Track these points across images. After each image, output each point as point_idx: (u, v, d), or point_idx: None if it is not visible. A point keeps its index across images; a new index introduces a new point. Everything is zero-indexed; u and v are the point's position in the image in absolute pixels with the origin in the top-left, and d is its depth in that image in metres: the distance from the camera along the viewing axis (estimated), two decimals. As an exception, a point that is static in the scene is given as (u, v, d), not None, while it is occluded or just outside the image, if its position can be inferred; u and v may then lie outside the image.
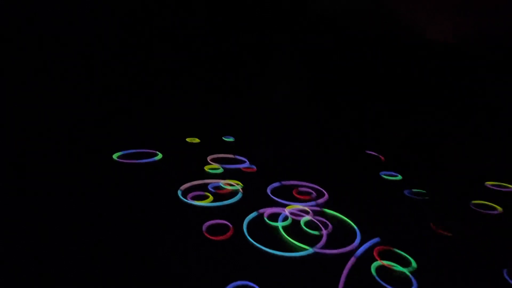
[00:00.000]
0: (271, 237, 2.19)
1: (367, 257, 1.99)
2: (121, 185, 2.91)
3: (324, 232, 2.25)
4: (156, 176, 3.25)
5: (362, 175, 3.73)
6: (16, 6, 3.91)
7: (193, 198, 2.70)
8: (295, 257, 1.96)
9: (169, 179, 3.13)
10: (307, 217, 2.48)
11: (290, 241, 2.14)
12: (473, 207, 2.92)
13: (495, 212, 2.85)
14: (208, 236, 2.11)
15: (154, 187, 2.91)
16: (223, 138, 5.20)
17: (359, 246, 2.10)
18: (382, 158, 4.50)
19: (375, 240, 2.17)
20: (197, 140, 4.88)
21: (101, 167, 3.36)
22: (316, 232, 2.27)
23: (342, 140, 5.26)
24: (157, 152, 4.01)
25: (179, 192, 2.79)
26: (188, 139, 4.90)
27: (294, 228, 2.32)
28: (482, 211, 2.85)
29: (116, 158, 3.67)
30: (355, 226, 2.36)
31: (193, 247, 2.00)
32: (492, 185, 3.49)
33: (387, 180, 3.59)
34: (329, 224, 2.38)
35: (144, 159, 3.73)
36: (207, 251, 1.96)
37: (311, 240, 2.16)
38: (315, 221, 2.43)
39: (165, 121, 5.43)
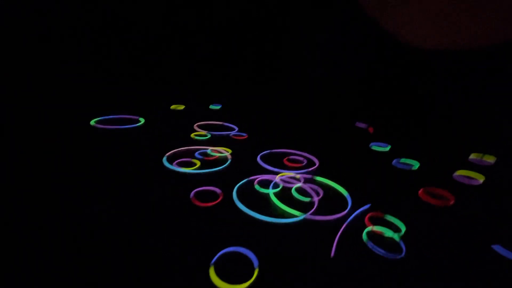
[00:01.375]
0: (262, 204, 2.12)
1: (359, 224, 1.99)
2: (100, 154, 2.70)
3: (316, 198, 2.21)
4: (139, 142, 3.05)
5: (353, 146, 3.71)
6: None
7: (179, 165, 2.56)
8: (287, 223, 1.92)
9: (153, 146, 2.95)
10: (298, 184, 2.43)
11: (281, 207, 2.08)
12: (456, 178, 2.98)
13: (478, 182, 2.93)
14: (197, 203, 2.01)
15: (137, 155, 2.73)
16: (210, 106, 4.97)
17: (350, 213, 2.08)
18: (371, 130, 4.49)
19: (366, 206, 2.16)
20: (181, 107, 4.63)
21: (79, 134, 3.11)
22: (307, 199, 2.22)
23: (333, 112, 5.18)
24: (139, 118, 3.77)
25: (165, 159, 2.63)
26: (172, 107, 4.64)
27: (285, 195, 2.27)
28: (466, 182, 2.91)
29: (94, 124, 3.41)
30: (346, 193, 2.34)
31: (182, 215, 1.90)
32: (476, 158, 3.57)
33: (376, 151, 3.59)
34: (321, 191, 2.34)
35: (125, 125, 3.48)
36: (196, 219, 1.87)
37: (303, 207, 2.11)
38: (306, 188, 2.38)
39: (149, 87, 5.08)
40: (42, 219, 1.77)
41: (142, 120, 3.71)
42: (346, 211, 2.10)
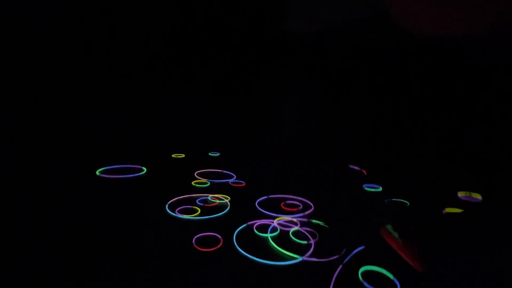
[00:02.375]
0: (261, 247, 2.21)
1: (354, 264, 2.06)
2: (105, 202, 2.84)
3: (312, 241, 2.31)
4: (142, 191, 3.20)
5: (347, 188, 3.88)
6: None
7: (181, 212, 2.68)
8: (285, 266, 2.00)
9: (155, 194, 3.10)
10: (295, 228, 2.54)
11: (279, 250, 2.17)
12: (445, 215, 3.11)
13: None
14: (198, 248, 2.10)
15: (140, 203, 2.86)
16: (209, 153, 5.23)
17: (346, 254, 2.17)
18: (364, 171, 4.71)
19: (360, 248, 2.25)
20: (182, 156, 4.88)
21: (84, 183, 3.27)
22: (304, 242, 2.32)
23: (326, 155, 5.47)
24: (142, 167, 3.97)
25: (166, 207, 2.77)
26: (173, 155, 4.89)
27: (283, 239, 2.36)
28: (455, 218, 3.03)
29: (98, 174, 3.59)
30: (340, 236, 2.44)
31: (184, 259, 1.97)
32: (464, 195, 3.74)
33: (369, 192, 3.75)
34: (317, 234, 2.44)
35: (129, 175, 3.67)
36: (198, 263, 1.95)
37: (300, 250, 2.21)
38: (303, 231, 2.49)
39: (150, 136, 5.40)
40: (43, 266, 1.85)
41: (145, 169, 3.90)
42: (342, 253, 2.19)
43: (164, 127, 5.58)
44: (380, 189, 3.83)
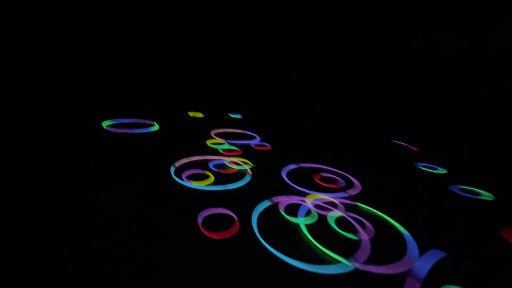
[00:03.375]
0: (291, 239, 1.59)
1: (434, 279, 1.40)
2: (107, 158, 2.32)
3: (364, 236, 1.64)
4: (149, 148, 2.66)
5: (394, 165, 3.09)
6: None
7: (189, 178, 2.11)
8: (326, 275, 1.37)
9: (163, 153, 2.55)
10: (338, 213, 1.88)
11: (316, 247, 1.54)
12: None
13: None
14: (205, 232, 1.53)
15: (144, 162, 2.33)
16: (229, 114, 4.57)
17: (420, 264, 1.49)
18: (415, 148, 3.83)
19: (441, 255, 1.55)
20: (200, 115, 4.27)
21: (89, 137, 2.78)
22: (352, 236, 1.66)
23: (366, 125, 4.59)
24: (154, 122, 3.42)
25: (172, 170, 2.20)
26: (190, 113, 4.29)
27: (321, 228, 1.72)
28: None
29: (105, 127, 3.09)
30: (405, 231, 1.75)
31: (185, 247, 1.42)
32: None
33: (426, 172, 2.95)
34: (369, 224, 1.77)
35: (138, 129, 3.14)
36: (202, 253, 1.39)
37: (346, 247, 1.56)
38: (349, 218, 1.82)
39: (166, 92, 4.81)
40: (41, 220, 1.40)
41: (156, 125, 3.35)
42: (411, 257, 1.52)
43: (184, 83, 4.93)
44: (442, 170, 3.00)
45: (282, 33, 4.84)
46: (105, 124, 3.13)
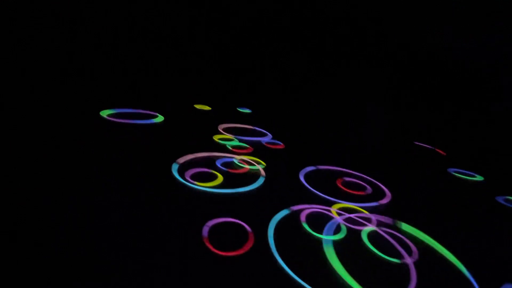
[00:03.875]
0: (316, 259, 1.28)
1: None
2: (105, 150, 2.03)
3: (409, 260, 1.32)
4: (150, 141, 2.36)
5: (425, 170, 2.75)
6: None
7: (194, 178, 1.81)
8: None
9: (165, 147, 2.25)
10: (371, 227, 1.56)
11: (343, 274, 1.22)
12: None
13: None
14: (212, 248, 1.22)
15: (145, 157, 2.03)
16: (238, 109, 4.26)
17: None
18: (443, 152, 3.47)
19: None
20: (207, 108, 3.97)
21: (89, 126, 2.50)
22: (394, 259, 1.34)
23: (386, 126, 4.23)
24: (157, 114, 3.12)
25: (175, 167, 1.90)
26: (197, 106, 3.99)
27: (353, 246, 1.40)
28: None
29: (105, 116, 2.80)
30: (464, 270, 1.41)
31: (187, 263, 1.12)
32: None
33: (463, 179, 2.60)
34: (413, 247, 1.44)
35: (140, 120, 2.84)
36: (209, 270, 1.08)
37: (386, 273, 1.24)
38: (386, 236, 1.50)
39: (173, 83, 4.51)
40: (40, 214, 1.20)
41: (160, 117, 3.06)
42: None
43: (191, 75, 4.62)
44: (478, 177, 2.65)
45: (295, 31, 4.51)
46: (105, 113, 2.85)
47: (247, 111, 4.28)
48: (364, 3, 3.86)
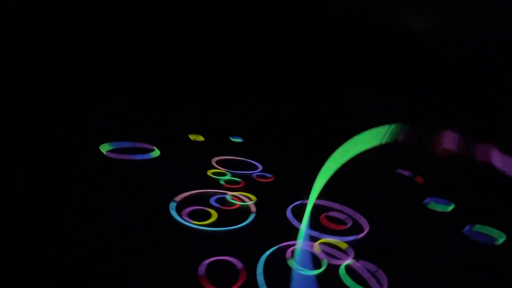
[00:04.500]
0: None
1: None
2: (102, 187, 2.20)
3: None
4: (149, 177, 2.54)
5: (403, 201, 2.99)
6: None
7: (190, 216, 1.98)
8: None
9: (164, 184, 2.43)
10: (349, 261, 1.75)
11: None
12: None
13: None
14: (208, 286, 1.38)
15: (143, 194, 2.20)
16: (230, 138, 4.50)
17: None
18: (420, 179, 3.75)
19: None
20: (201, 138, 4.19)
21: (87, 162, 2.66)
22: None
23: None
24: (154, 147, 3.31)
25: (172, 206, 2.07)
26: (191, 136, 4.21)
27: (332, 281, 1.58)
28: None
29: (104, 152, 2.97)
30: None
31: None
32: None
33: (435, 211, 2.84)
34: (383, 278, 1.63)
35: (137, 155, 3.02)
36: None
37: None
38: (364, 268, 1.69)
39: (166, 115, 4.74)
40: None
41: (156, 150, 3.25)
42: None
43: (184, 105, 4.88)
44: (451, 207, 2.90)
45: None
46: (104, 149, 3.02)
47: (239, 140, 4.52)
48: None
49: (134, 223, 1.79)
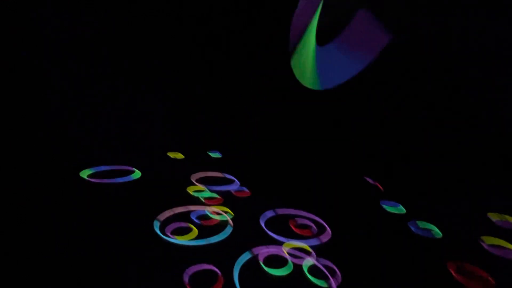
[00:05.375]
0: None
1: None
2: (85, 212, 2.38)
3: (333, 284, 1.86)
4: (132, 199, 2.75)
5: (363, 206, 3.42)
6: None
7: (173, 233, 2.23)
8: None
9: (146, 204, 2.65)
10: (310, 260, 2.09)
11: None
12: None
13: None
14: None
15: (126, 216, 2.41)
16: (209, 153, 4.76)
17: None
18: (381, 187, 4.24)
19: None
20: (180, 156, 4.42)
21: (66, 187, 2.81)
22: (323, 283, 1.86)
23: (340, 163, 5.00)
24: (134, 169, 3.51)
25: (156, 224, 2.31)
26: (170, 154, 4.42)
27: (296, 278, 1.91)
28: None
29: (85, 177, 3.12)
30: None
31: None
32: (498, 219, 3.28)
33: (389, 212, 3.28)
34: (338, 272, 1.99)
35: (119, 178, 3.20)
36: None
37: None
38: (320, 266, 2.04)
39: (145, 132, 4.91)
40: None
41: (137, 172, 3.44)
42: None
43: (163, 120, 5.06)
44: (400, 208, 3.36)
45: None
46: (85, 174, 3.17)
47: (217, 155, 4.79)
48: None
49: (120, 245, 2.02)
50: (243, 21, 4.92)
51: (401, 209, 3.32)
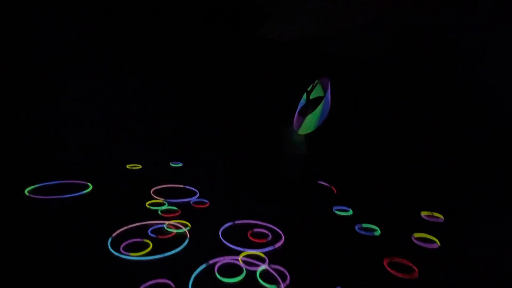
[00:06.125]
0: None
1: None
2: (33, 230, 2.24)
3: (282, 286, 2.01)
4: (84, 215, 2.64)
5: (316, 210, 3.68)
6: None
7: (127, 249, 2.20)
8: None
9: (99, 220, 2.57)
10: (263, 267, 2.22)
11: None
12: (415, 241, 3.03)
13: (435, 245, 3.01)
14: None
15: (80, 231, 2.32)
16: (170, 164, 4.72)
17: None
18: (334, 190, 4.59)
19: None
20: (138, 166, 4.32)
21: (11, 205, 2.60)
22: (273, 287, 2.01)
23: (295, 169, 5.29)
24: (88, 183, 3.36)
25: (109, 241, 2.27)
26: (128, 166, 4.30)
27: (250, 283, 2.02)
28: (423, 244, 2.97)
29: (28, 193, 2.91)
30: None
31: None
32: (426, 215, 3.76)
33: (339, 216, 3.59)
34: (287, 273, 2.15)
35: (70, 194, 3.04)
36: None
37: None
38: (271, 271, 2.18)
39: (100, 144, 4.70)
40: None
41: (90, 186, 3.30)
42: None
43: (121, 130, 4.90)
44: (350, 212, 3.70)
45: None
46: (27, 190, 2.96)
47: (179, 164, 4.77)
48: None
49: (72, 265, 1.95)
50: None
51: (349, 212, 3.66)
